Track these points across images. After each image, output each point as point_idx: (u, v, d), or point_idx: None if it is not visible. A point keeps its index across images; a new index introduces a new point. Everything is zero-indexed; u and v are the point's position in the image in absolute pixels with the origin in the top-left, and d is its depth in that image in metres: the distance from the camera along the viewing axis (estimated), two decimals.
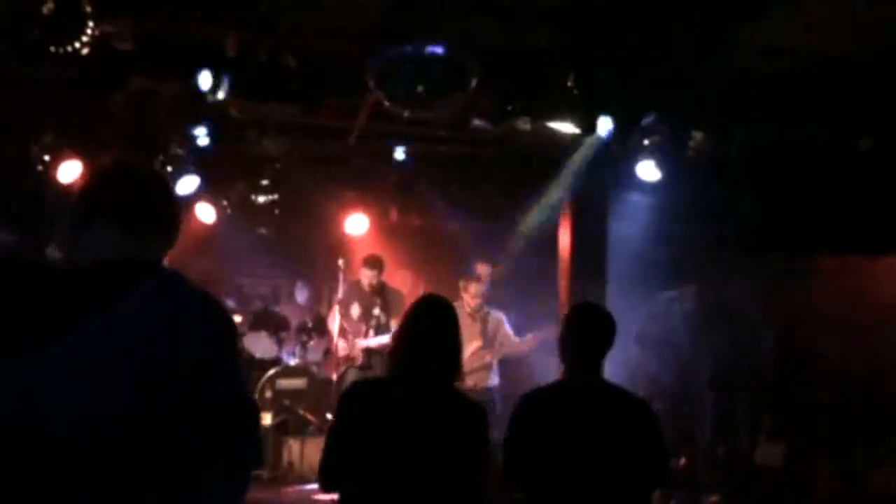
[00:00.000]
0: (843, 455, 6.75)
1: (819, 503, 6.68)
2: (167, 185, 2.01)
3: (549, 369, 5.57)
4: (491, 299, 7.54)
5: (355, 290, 7.60)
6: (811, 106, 6.23)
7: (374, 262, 7.52)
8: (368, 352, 7.41)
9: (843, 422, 6.84)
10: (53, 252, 6.81)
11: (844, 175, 6.63)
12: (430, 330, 3.22)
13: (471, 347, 7.03)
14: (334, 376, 7.61)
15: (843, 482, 6.64)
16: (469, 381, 6.89)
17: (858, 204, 6.72)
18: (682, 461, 7.16)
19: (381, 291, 7.53)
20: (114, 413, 1.72)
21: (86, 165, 6.75)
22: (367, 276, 7.48)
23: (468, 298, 7.29)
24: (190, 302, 1.87)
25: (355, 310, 7.54)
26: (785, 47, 5.36)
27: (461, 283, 7.40)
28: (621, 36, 5.29)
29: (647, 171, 6.95)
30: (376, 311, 7.49)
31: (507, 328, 7.44)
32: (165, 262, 1.98)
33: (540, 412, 3.43)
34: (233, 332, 1.97)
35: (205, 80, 5.46)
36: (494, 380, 7.31)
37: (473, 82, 4.36)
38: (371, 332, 7.48)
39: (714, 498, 6.92)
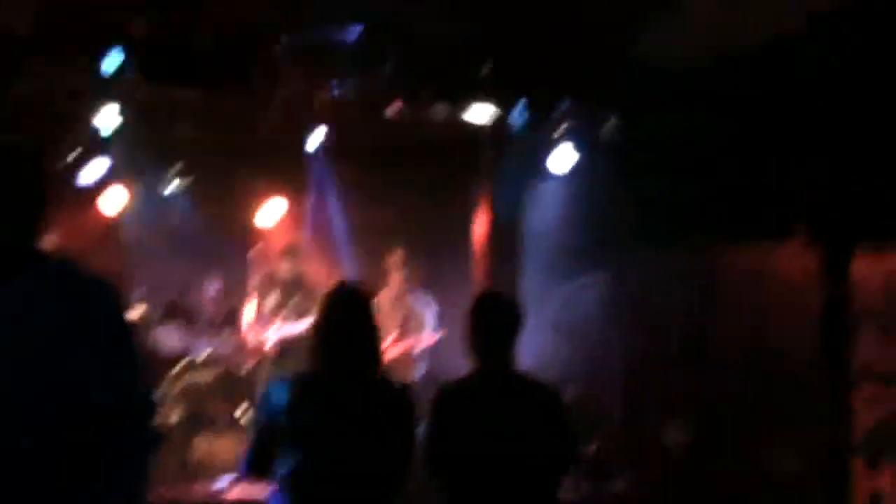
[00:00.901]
0: (746, 438, 6.95)
1: (728, 480, 6.88)
2: (35, 165, 1.90)
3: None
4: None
5: (271, 280, 7.46)
6: (715, 94, 6.40)
7: (292, 251, 7.42)
8: (282, 343, 7.28)
9: (746, 405, 7.05)
10: None
11: (747, 162, 6.83)
12: (342, 321, 3.18)
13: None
14: (245, 366, 7.48)
15: (743, 465, 6.85)
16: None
17: (761, 190, 6.93)
18: (593, 447, 7.29)
19: (298, 283, 7.43)
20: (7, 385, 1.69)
21: None
22: (284, 266, 7.36)
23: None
24: (79, 284, 1.82)
25: (271, 300, 7.39)
26: (689, 37, 5.48)
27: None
28: (535, 23, 5.33)
29: (563, 157, 7.04)
30: (295, 300, 7.37)
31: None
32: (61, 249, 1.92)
33: (453, 405, 3.45)
34: (124, 315, 1.92)
35: (111, 62, 5.28)
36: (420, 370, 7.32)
37: (390, 67, 4.34)
38: (285, 322, 7.36)
39: (621, 483, 7.06)
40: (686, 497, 6.88)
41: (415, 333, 7.40)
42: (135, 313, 7.46)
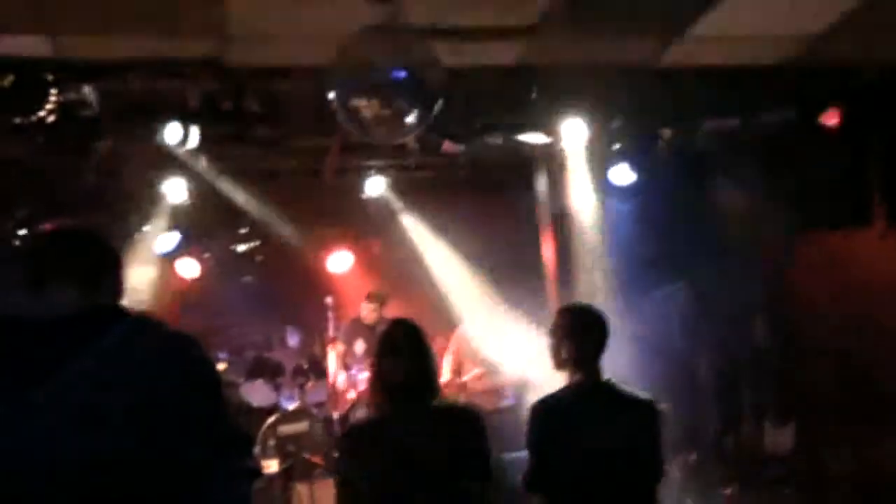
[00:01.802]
0: (852, 435, 6.74)
1: (832, 485, 6.66)
2: (105, 240, 2.14)
3: None
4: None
5: (357, 326, 7.62)
6: (772, 91, 6.31)
7: (375, 297, 7.57)
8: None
9: (847, 400, 6.84)
10: None
11: (813, 154, 6.72)
12: (393, 358, 3.21)
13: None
14: (336, 414, 7.56)
15: (854, 462, 6.63)
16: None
17: (830, 182, 6.80)
18: (693, 457, 7.15)
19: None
20: (96, 451, 1.78)
21: None
22: (368, 311, 7.49)
23: None
24: (163, 339, 1.97)
25: (359, 346, 7.56)
26: (738, 36, 5.42)
27: None
28: (578, 43, 5.35)
29: (621, 174, 7.02)
30: None
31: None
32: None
33: (551, 419, 3.41)
34: (209, 363, 2.06)
35: (172, 132, 5.47)
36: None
37: (439, 103, 4.40)
38: None
39: (728, 490, 6.90)
40: (795, 499, 6.69)
41: (497, 368, 7.38)
42: (221, 371, 7.62)
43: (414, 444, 3.07)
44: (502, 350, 7.50)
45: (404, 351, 3.21)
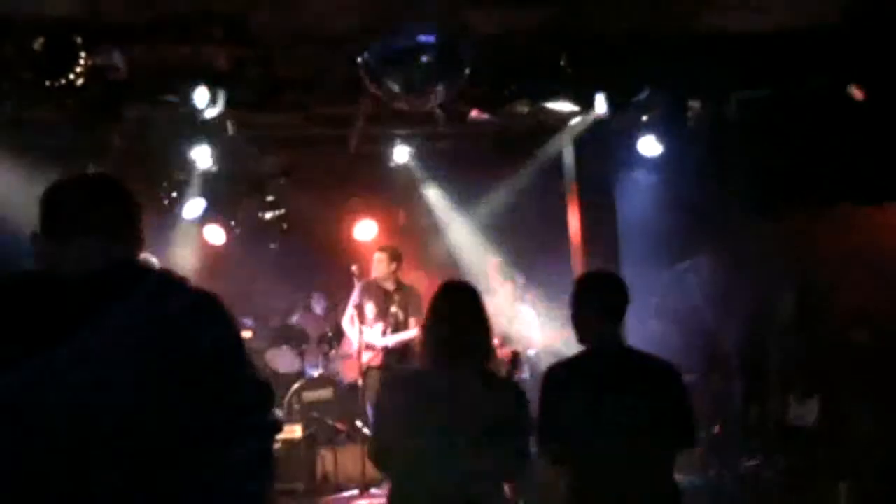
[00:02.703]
0: (878, 407, 6.70)
1: (856, 458, 6.63)
2: (128, 189, 2.12)
3: None
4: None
5: (369, 289, 7.45)
6: (801, 61, 6.22)
7: (388, 249, 7.48)
8: (387, 351, 7.30)
9: (874, 373, 6.79)
10: None
11: (842, 125, 6.62)
12: (454, 316, 3.22)
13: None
14: (353, 379, 7.58)
15: (880, 435, 6.59)
16: None
17: (860, 153, 6.70)
18: (717, 429, 7.14)
19: (398, 288, 7.45)
20: (122, 407, 1.82)
21: None
22: (378, 263, 7.38)
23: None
24: (186, 298, 1.98)
25: (370, 309, 7.40)
26: (765, 5, 5.34)
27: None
28: (607, 11, 5.30)
29: (649, 145, 6.96)
30: (393, 309, 7.37)
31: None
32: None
33: (566, 381, 3.39)
34: (232, 321, 2.06)
35: (200, 96, 5.48)
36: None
37: (467, 69, 4.37)
38: (389, 330, 7.35)
39: (752, 462, 6.90)
40: (817, 473, 6.67)
41: (520, 337, 7.38)
42: (246, 338, 7.68)
43: (456, 399, 3.09)
44: (521, 322, 7.51)
45: (453, 312, 3.23)
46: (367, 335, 7.26)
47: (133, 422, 1.81)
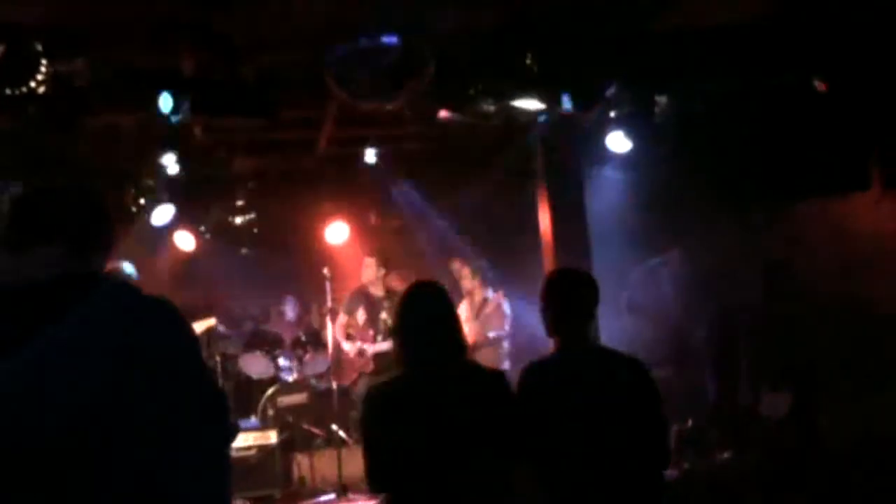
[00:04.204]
0: (847, 398, 6.77)
1: (827, 449, 6.70)
2: (99, 200, 2.09)
3: None
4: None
5: (359, 296, 7.56)
6: (765, 54, 6.27)
7: (378, 253, 7.55)
8: (378, 357, 7.35)
9: (845, 366, 6.86)
10: None
11: (807, 118, 6.68)
12: (423, 316, 3.21)
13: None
14: (335, 385, 7.58)
15: (849, 426, 6.66)
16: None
17: (825, 145, 6.77)
18: (689, 422, 7.18)
19: (387, 295, 7.49)
20: (77, 409, 1.78)
21: None
22: (370, 268, 7.44)
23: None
24: (139, 304, 1.94)
25: (360, 315, 7.49)
26: None
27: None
28: (570, 7, 5.32)
29: (618, 142, 7.00)
30: (383, 315, 7.41)
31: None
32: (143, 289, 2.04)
33: (539, 382, 3.38)
34: (186, 327, 2.02)
35: (165, 102, 5.44)
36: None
37: (431, 68, 4.37)
38: (379, 336, 7.41)
39: (725, 454, 6.94)
40: (789, 465, 6.73)
41: (493, 334, 7.43)
42: (221, 345, 7.65)
43: (442, 405, 3.06)
44: (497, 314, 7.55)
45: (420, 313, 3.21)
46: (357, 339, 7.43)
47: (82, 433, 1.78)
